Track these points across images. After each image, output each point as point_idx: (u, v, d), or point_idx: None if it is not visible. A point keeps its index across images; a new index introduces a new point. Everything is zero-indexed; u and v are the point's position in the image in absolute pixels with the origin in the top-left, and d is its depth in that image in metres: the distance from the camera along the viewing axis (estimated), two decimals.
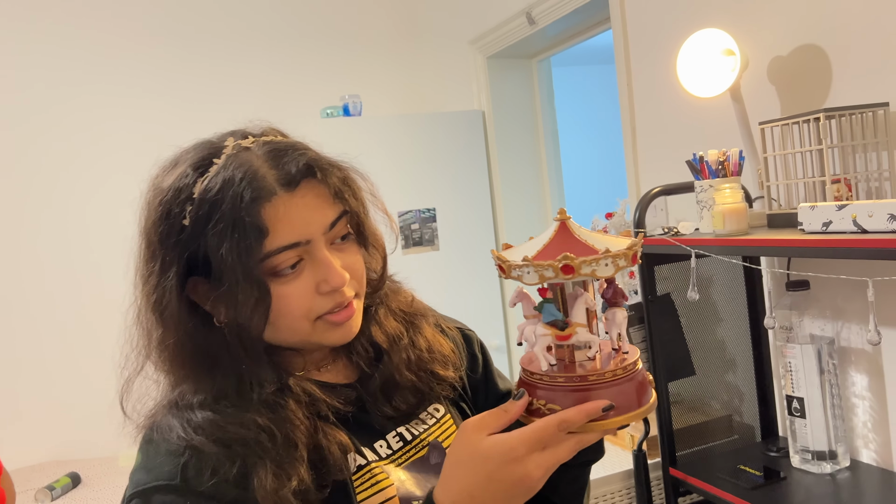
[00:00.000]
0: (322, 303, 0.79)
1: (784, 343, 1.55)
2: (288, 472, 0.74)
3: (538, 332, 0.71)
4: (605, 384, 0.69)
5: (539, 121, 3.18)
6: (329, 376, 0.89)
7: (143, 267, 0.80)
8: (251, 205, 0.73)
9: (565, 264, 0.65)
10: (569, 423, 0.67)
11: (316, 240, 0.78)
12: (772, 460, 1.64)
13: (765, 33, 1.71)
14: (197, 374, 0.80)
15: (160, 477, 0.74)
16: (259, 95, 3.23)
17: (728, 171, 1.54)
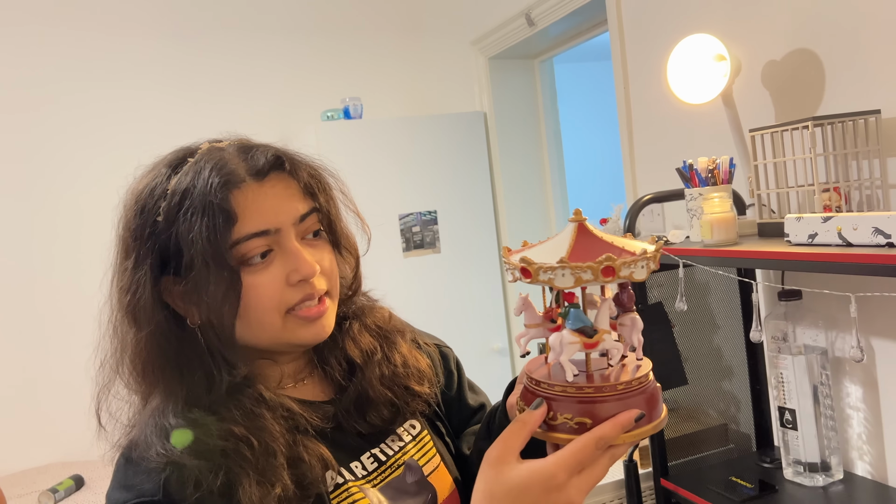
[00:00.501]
0: (292, 294, 0.79)
1: (776, 354, 1.53)
2: (271, 480, 0.73)
3: (566, 339, 0.66)
4: (631, 393, 0.66)
5: (541, 122, 3.15)
6: (306, 392, 0.88)
7: (117, 266, 0.81)
8: (220, 190, 0.75)
9: (607, 265, 0.62)
10: (606, 440, 0.64)
11: (285, 230, 0.79)
12: (765, 472, 1.61)
13: (759, 37, 1.68)
14: (168, 379, 0.78)
15: (142, 494, 0.72)
16: (260, 99, 3.23)
17: (718, 179, 1.51)
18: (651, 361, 0.73)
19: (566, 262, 0.62)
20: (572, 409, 0.66)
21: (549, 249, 0.67)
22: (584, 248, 0.65)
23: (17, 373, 2.97)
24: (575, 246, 0.66)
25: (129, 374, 0.81)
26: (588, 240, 0.67)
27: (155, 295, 0.77)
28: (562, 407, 0.67)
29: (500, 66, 3.07)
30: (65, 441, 2.95)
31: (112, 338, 0.81)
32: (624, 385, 0.66)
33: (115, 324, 0.81)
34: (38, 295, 3.01)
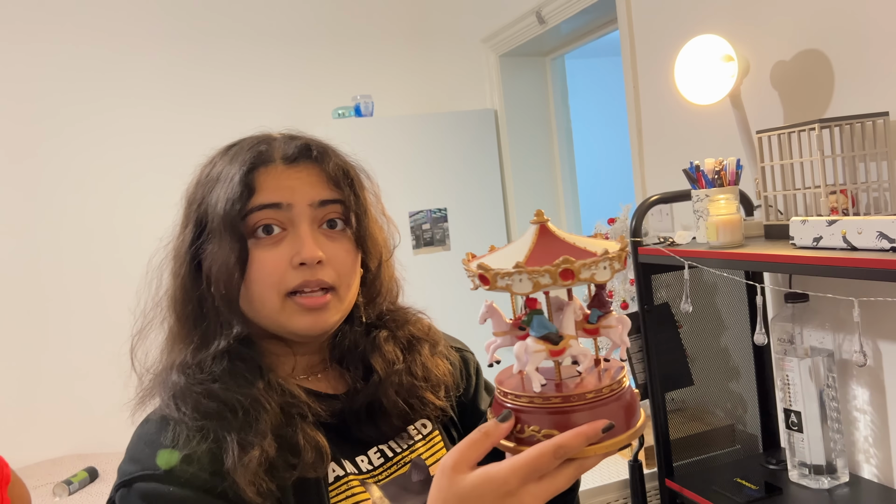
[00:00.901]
0: (292, 276, 0.81)
1: (782, 356, 1.52)
2: (251, 442, 0.75)
3: (530, 348, 0.63)
4: (603, 402, 0.63)
5: (552, 119, 3.15)
6: (317, 385, 0.90)
7: (175, 229, 0.90)
8: (248, 165, 0.82)
9: (565, 268, 0.59)
10: (567, 450, 0.61)
11: (298, 209, 0.82)
12: (771, 473, 1.61)
13: (768, 37, 1.67)
14: (183, 334, 0.85)
15: (146, 467, 0.76)
16: (271, 97, 3.25)
17: (724, 181, 1.51)
18: (623, 364, 0.70)
19: (523, 266, 0.60)
20: (540, 420, 0.63)
21: (509, 254, 0.64)
22: (544, 250, 0.63)
23: (32, 365, 3.01)
24: (535, 249, 0.63)
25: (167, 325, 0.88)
26: (549, 242, 0.64)
27: (188, 255, 0.85)
28: (530, 419, 0.64)
29: (511, 63, 3.07)
30: (78, 433, 3.00)
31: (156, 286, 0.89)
32: (594, 394, 0.63)
33: (159, 277, 0.89)
34: (55, 288, 3.05)
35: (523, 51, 3.01)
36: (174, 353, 0.86)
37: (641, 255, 1.63)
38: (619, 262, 0.63)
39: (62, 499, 2.54)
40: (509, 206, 3.16)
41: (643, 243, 1.65)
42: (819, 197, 1.41)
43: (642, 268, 1.64)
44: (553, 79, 3.13)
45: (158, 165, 3.04)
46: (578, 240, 0.65)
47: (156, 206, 2.96)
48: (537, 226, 0.66)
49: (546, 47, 3.00)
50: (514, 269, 0.60)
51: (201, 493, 0.75)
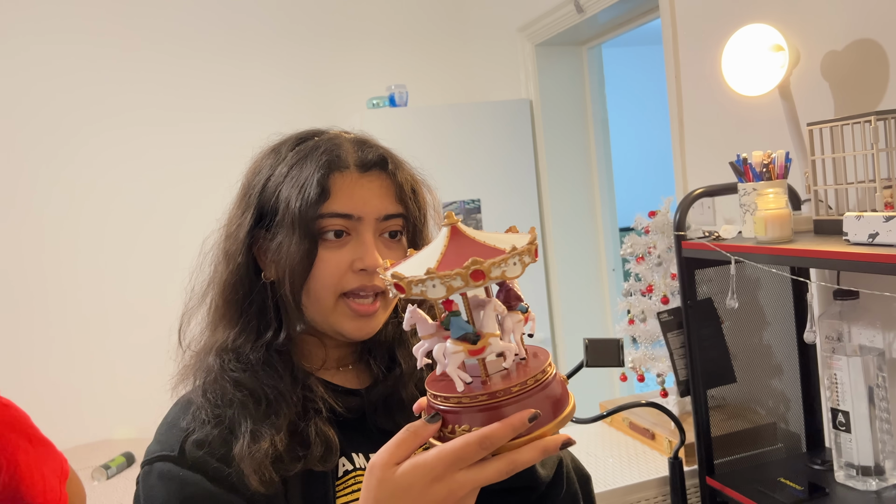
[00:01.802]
0: (351, 279, 0.85)
1: (830, 354, 1.49)
2: (263, 434, 0.79)
3: (448, 349, 0.64)
4: (528, 393, 0.63)
5: (588, 110, 3.11)
6: (343, 379, 0.93)
7: (230, 212, 0.93)
8: (324, 168, 0.85)
9: (475, 269, 0.59)
10: (492, 439, 0.61)
11: (367, 221, 0.86)
12: (816, 474, 1.58)
13: (820, 26, 1.62)
14: (230, 318, 0.89)
15: (165, 448, 0.81)
16: (306, 86, 3.25)
17: (773, 174, 1.47)
18: (549, 352, 0.70)
19: (434, 272, 0.60)
20: (471, 419, 0.63)
21: (422, 260, 0.64)
22: (456, 252, 0.63)
23: (71, 350, 3.06)
24: (447, 252, 0.63)
25: (208, 305, 0.91)
26: (461, 243, 0.64)
27: (246, 241, 0.88)
28: (460, 418, 0.64)
29: (547, 52, 3.03)
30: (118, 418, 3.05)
31: (207, 271, 0.92)
32: (519, 386, 0.63)
33: (214, 258, 0.92)
34: (93, 271, 3.09)
35: (560, 40, 2.97)
36: (216, 335, 0.89)
37: (685, 249, 1.60)
38: (529, 255, 0.62)
39: (100, 483, 2.59)
40: (543, 197, 3.13)
41: (687, 237, 1.61)
42: (872, 191, 1.37)
43: (686, 262, 1.61)
44: (590, 68, 3.08)
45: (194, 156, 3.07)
46: (489, 237, 0.65)
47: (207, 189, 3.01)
48: (448, 228, 0.66)
49: (583, 36, 2.96)
50: (426, 276, 0.60)
51: (209, 480, 0.78)
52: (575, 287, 3.10)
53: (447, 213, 0.67)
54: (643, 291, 1.91)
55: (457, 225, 0.66)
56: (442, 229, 0.67)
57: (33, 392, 2.86)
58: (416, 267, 0.64)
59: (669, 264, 1.86)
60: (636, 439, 1.96)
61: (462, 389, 0.64)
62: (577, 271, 3.12)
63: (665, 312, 1.66)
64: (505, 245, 0.63)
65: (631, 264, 1.94)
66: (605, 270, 3.14)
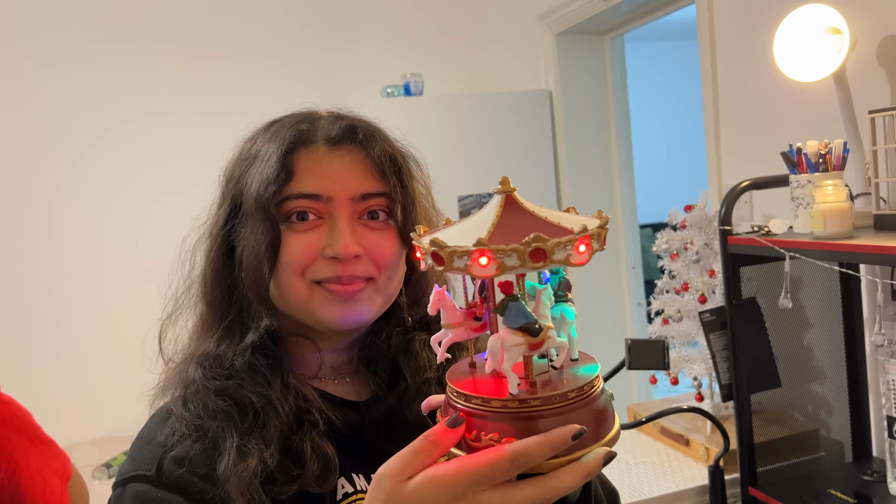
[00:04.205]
0: (322, 267, 0.75)
1: (887, 359, 1.39)
2: (250, 449, 0.69)
3: (508, 341, 0.53)
4: (573, 406, 0.53)
5: (610, 102, 3.01)
6: (340, 390, 0.82)
7: (212, 207, 0.84)
8: (287, 145, 0.76)
9: (536, 248, 0.49)
10: (528, 458, 0.51)
11: (339, 202, 0.76)
12: (865, 484, 1.49)
13: (876, 8, 1.52)
14: (209, 322, 0.80)
15: (140, 467, 0.72)
16: (320, 73, 3.17)
17: (829, 166, 1.38)
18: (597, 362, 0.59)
19: (485, 244, 0.50)
20: (498, 427, 0.53)
21: (469, 229, 0.54)
22: (510, 225, 0.53)
23: (71, 344, 2.98)
24: (499, 223, 0.53)
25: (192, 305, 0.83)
26: (517, 215, 0.54)
27: (219, 236, 0.80)
28: (486, 425, 0.53)
29: (568, 42, 2.93)
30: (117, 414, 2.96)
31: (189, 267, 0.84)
32: (560, 396, 0.53)
33: (191, 257, 0.84)
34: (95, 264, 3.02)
35: (581, 29, 2.87)
36: (200, 342, 0.80)
37: (730, 245, 1.50)
38: (598, 241, 0.53)
39: (101, 482, 2.50)
40: (562, 191, 3.03)
41: (732, 232, 1.52)
42: None
43: (731, 259, 1.52)
44: (612, 59, 2.99)
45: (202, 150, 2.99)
46: (551, 214, 0.55)
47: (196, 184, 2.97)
48: (501, 196, 0.55)
49: (606, 26, 2.86)
50: (475, 247, 0.50)
51: (190, 500, 0.69)
52: (593, 285, 3.00)
53: (502, 178, 0.57)
54: (678, 290, 1.81)
55: (513, 194, 0.56)
56: (494, 197, 0.56)
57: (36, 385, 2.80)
58: (459, 236, 0.53)
59: (707, 261, 1.76)
60: (669, 445, 1.86)
61: (516, 392, 0.53)
62: (595, 268, 3.02)
63: (707, 312, 1.56)
64: (572, 224, 0.53)
65: (664, 261, 1.84)
66: (625, 268, 3.05)
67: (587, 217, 0.57)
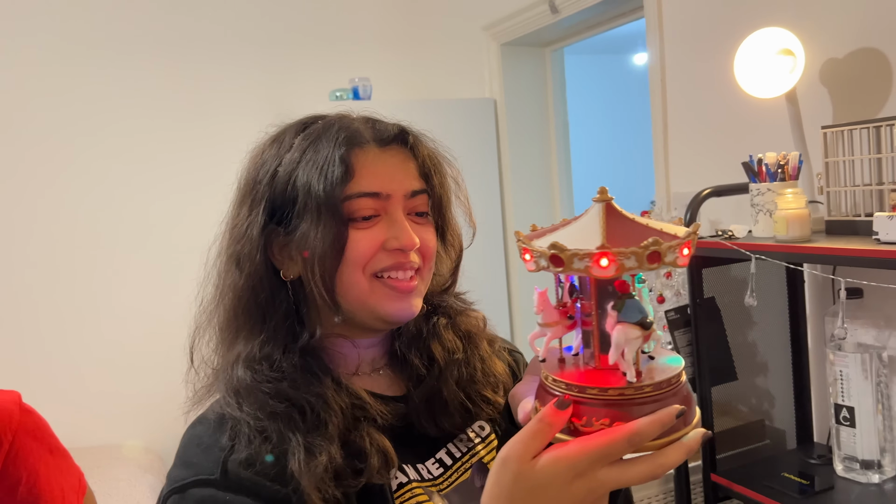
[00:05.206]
0: (384, 258, 0.79)
1: (835, 351, 1.53)
2: (319, 446, 0.72)
3: (630, 334, 0.57)
4: (671, 393, 0.59)
5: (550, 112, 3.12)
6: (379, 385, 0.86)
7: (232, 213, 0.84)
8: (343, 145, 0.78)
9: (654, 251, 0.54)
10: (641, 436, 0.56)
11: (395, 198, 0.80)
12: (813, 468, 1.62)
13: (818, 33, 1.67)
14: (251, 327, 0.80)
15: (200, 472, 0.72)
16: (268, 75, 3.14)
17: (787, 175, 1.51)
18: None
19: (608, 247, 0.55)
20: (614, 413, 0.57)
21: (577, 233, 0.59)
22: (617, 231, 0.58)
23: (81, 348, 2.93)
24: (609, 230, 0.58)
25: (223, 316, 0.82)
26: (619, 222, 0.59)
27: (260, 240, 0.80)
28: (600, 411, 0.58)
29: (512, 53, 3.03)
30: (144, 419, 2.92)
31: (215, 281, 0.84)
32: (676, 379, 0.59)
33: (220, 267, 0.83)
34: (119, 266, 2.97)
35: (525, 41, 2.97)
36: (238, 346, 0.80)
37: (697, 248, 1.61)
38: (692, 247, 0.59)
39: None
40: (506, 196, 3.12)
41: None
42: (878, 194, 1.42)
43: (694, 261, 1.63)
44: (553, 71, 3.10)
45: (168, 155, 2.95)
46: (649, 221, 0.61)
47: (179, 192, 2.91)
48: (602, 204, 0.61)
49: (549, 38, 2.97)
50: (598, 250, 0.55)
51: (260, 501, 0.70)
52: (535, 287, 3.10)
53: (600, 188, 0.62)
54: None
55: (611, 202, 0.61)
56: (593, 205, 0.62)
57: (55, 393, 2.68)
58: (570, 240, 0.58)
59: None
60: None
61: (634, 379, 0.58)
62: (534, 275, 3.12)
63: (672, 311, 1.67)
64: (673, 230, 0.59)
65: None
66: None
67: (672, 224, 0.62)
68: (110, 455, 2.62)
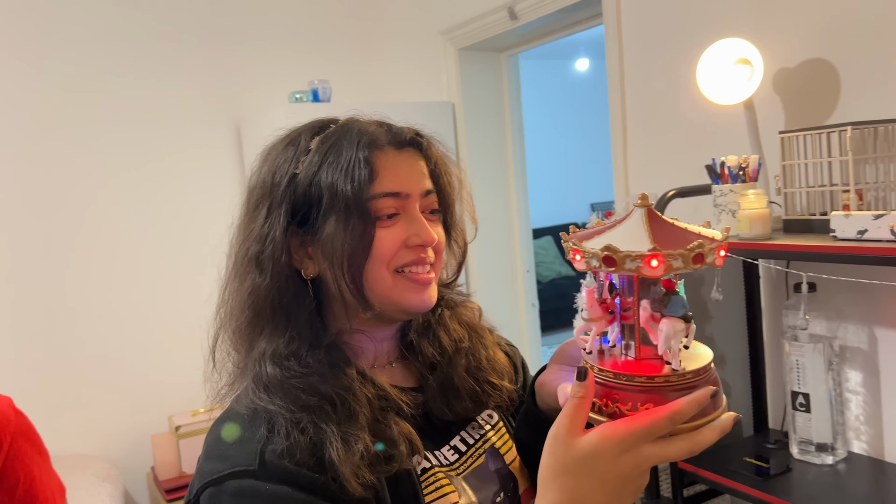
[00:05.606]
0: (405, 254, 0.84)
1: (792, 341, 1.64)
2: (354, 437, 0.76)
3: (677, 327, 0.64)
4: (703, 380, 0.65)
5: (507, 116, 3.19)
6: (395, 377, 0.91)
7: (246, 216, 0.87)
8: (367, 147, 0.82)
9: (698, 252, 0.61)
10: (682, 414, 0.61)
11: (413, 197, 0.85)
12: (770, 452, 1.72)
13: (773, 44, 1.78)
14: (275, 326, 0.83)
15: (237, 464, 0.74)
16: (227, 80, 3.11)
17: (748, 177, 1.60)
18: None
19: (659, 249, 0.61)
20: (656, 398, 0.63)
21: (623, 236, 0.65)
22: (661, 234, 0.64)
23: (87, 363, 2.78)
24: (655, 233, 0.64)
25: (245, 319, 0.84)
26: (661, 225, 0.66)
27: (285, 242, 0.83)
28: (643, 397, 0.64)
29: (470, 57, 3.08)
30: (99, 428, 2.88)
31: (235, 285, 0.86)
32: (710, 366, 0.66)
33: (240, 270, 0.85)
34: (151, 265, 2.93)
35: (482, 46, 3.03)
36: (261, 344, 0.83)
37: None
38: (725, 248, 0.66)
39: None
40: None
41: None
42: (830, 194, 1.53)
43: None
44: (509, 75, 3.17)
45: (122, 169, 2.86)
46: (688, 225, 0.68)
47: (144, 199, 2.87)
48: (644, 209, 0.67)
49: (506, 44, 3.04)
50: (650, 252, 0.61)
51: (299, 490, 0.73)
52: (492, 288, 3.16)
53: (641, 194, 0.69)
54: None
55: (651, 207, 0.68)
56: (635, 210, 0.68)
57: None
58: (619, 242, 0.63)
59: None
60: None
61: (679, 368, 0.64)
62: (494, 272, 3.19)
63: None
64: (709, 234, 0.65)
65: None
66: (521, 271, 3.24)
67: (701, 227, 0.69)
68: (68, 465, 2.54)
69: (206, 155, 3.06)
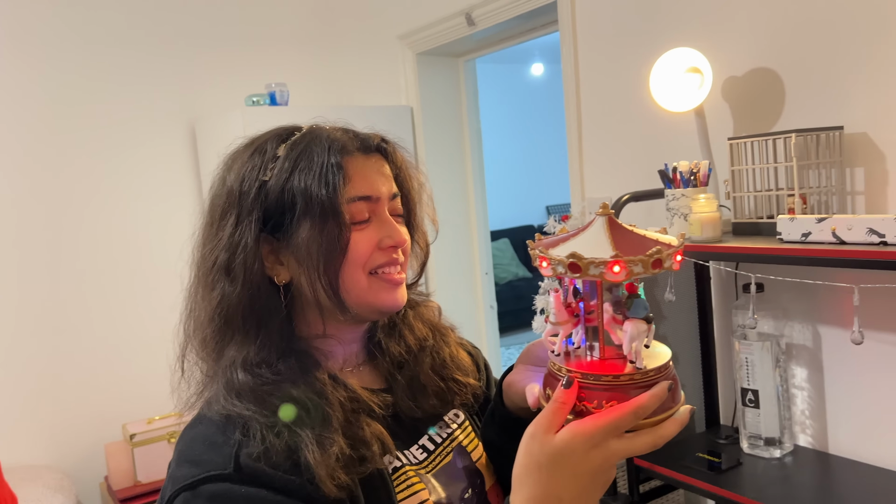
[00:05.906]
0: (379, 256, 0.86)
1: (741, 340, 1.70)
2: (328, 440, 0.77)
3: (641, 327, 0.67)
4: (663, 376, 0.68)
5: (465, 120, 3.23)
6: (363, 379, 0.93)
7: (212, 226, 0.86)
8: (337, 153, 0.84)
9: (657, 258, 0.64)
10: (645, 408, 0.65)
11: (383, 201, 0.87)
12: (722, 447, 1.78)
13: (721, 54, 1.84)
14: (246, 334, 0.83)
15: (211, 468, 0.74)
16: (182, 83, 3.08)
17: (699, 182, 1.66)
18: None
19: (620, 255, 0.64)
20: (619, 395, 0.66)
21: (587, 243, 0.68)
22: (622, 241, 0.67)
23: None
24: (616, 240, 0.67)
25: (213, 328, 0.84)
26: (621, 233, 0.69)
27: (257, 250, 0.83)
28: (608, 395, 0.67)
29: (428, 62, 3.11)
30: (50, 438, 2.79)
31: (202, 293, 0.85)
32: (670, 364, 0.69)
33: (207, 279, 0.85)
34: None
35: (440, 51, 3.06)
36: (230, 352, 0.84)
37: None
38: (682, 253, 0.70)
39: None
40: None
41: None
42: (776, 199, 1.60)
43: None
44: (466, 80, 3.21)
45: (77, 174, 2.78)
46: (645, 231, 0.71)
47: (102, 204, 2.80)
48: (605, 217, 0.71)
49: (464, 49, 3.07)
50: (612, 258, 0.64)
51: (275, 492, 0.74)
52: (452, 289, 3.19)
53: (602, 203, 0.72)
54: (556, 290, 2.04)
55: (612, 216, 0.71)
56: (597, 219, 0.71)
57: None
58: (582, 249, 0.66)
59: None
60: None
61: (642, 366, 0.68)
62: (453, 274, 3.21)
63: None
64: (666, 239, 0.69)
65: None
66: (479, 273, 3.27)
67: (658, 233, 0.72)
68: (19, 476, 2.49)
69: (161, 158, 3.02)
